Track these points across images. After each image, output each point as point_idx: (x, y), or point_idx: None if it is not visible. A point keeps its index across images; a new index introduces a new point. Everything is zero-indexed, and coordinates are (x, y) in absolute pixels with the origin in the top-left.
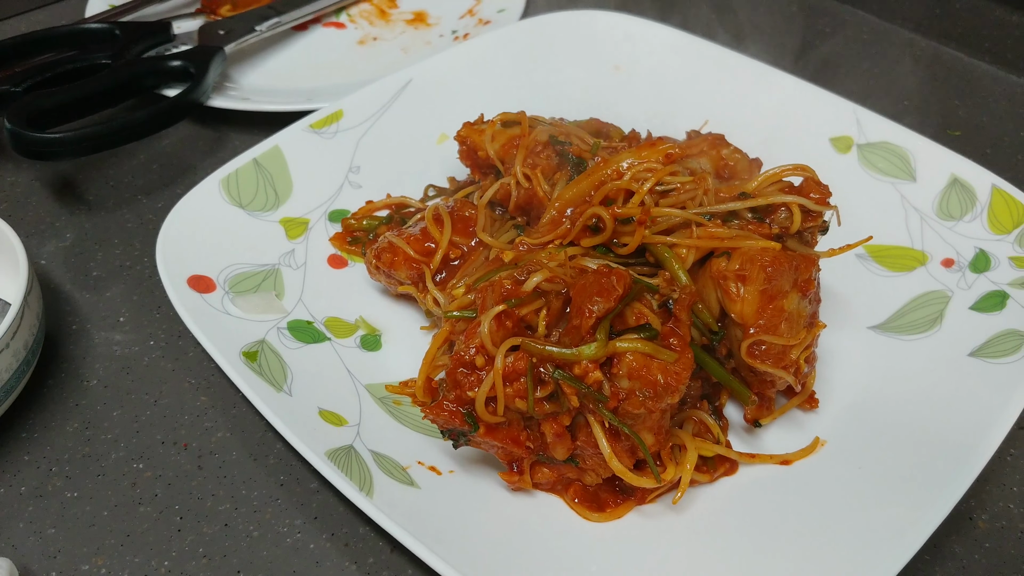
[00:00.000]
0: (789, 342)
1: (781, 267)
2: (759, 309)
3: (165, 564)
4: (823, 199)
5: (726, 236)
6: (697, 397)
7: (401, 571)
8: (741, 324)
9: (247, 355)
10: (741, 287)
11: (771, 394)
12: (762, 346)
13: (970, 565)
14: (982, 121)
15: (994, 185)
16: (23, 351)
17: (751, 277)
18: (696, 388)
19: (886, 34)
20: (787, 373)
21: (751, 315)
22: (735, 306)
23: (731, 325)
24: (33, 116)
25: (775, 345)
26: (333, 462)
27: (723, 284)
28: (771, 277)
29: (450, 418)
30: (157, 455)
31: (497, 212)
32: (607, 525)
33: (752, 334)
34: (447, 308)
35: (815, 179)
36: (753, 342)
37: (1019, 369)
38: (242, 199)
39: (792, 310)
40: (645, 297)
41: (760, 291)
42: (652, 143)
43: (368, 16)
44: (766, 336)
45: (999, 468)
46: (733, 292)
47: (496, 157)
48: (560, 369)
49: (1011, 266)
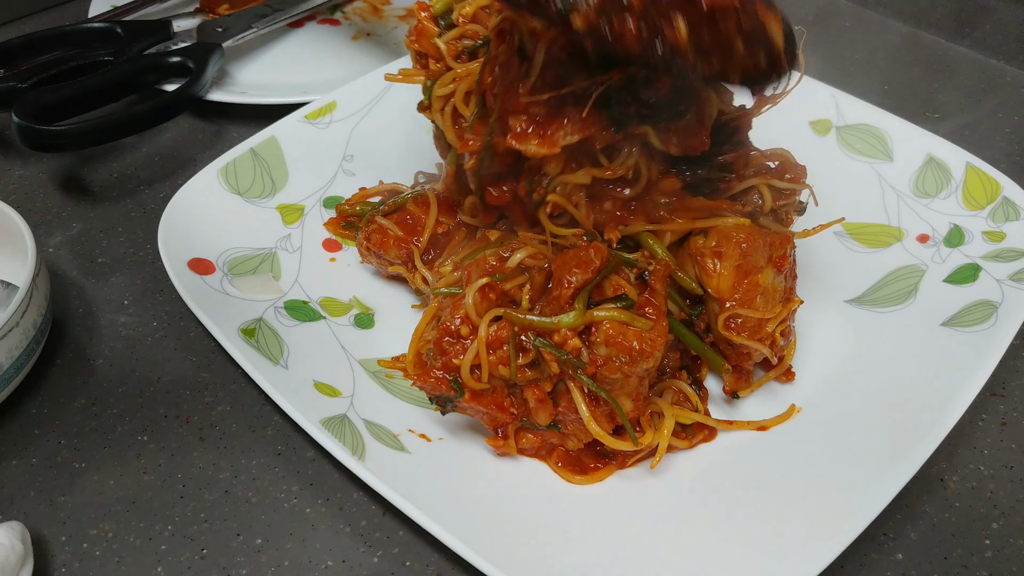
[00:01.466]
0: (764, 315)
1: (755, 243)
2: (734, 284)
3: (168, 528)
4: (797, 178)
5: (700, 213)
6: (676, 368)
7: (393, 532)
8: (718, 299)
9: (245, 332)
10: (717, 263)
11: (748, 367)
12: (738, 319)
13: (940, 524)
14: (960, 104)
15: (968, 163)
16: (32, 330)
17: (727, 253)
18: (675, 360)
19: (867, 20)
20: (763, 345)
21: (727, 289)
22: (712, 281)
23: (709, 300)
24: (39, 111)
25: (750, 318)
26: (327, 429)
27: (700, 260)
28: (746, 253)
29: (437, 384)
30: (160, 428)
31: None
32: (589, 488)
33: (728, 308)
34: (435, 286)
35: (790, 160)
36: (729, 315)
37: (989, 336)
38: (240, 187)
39: (767, 285)
40: (623, 270)
41: (735, 266)
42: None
43: (362, 13)
44: (741, 310)
45: (970, 432)
46: (710, 268)
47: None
48: (541, 337)
49: (984, 240)
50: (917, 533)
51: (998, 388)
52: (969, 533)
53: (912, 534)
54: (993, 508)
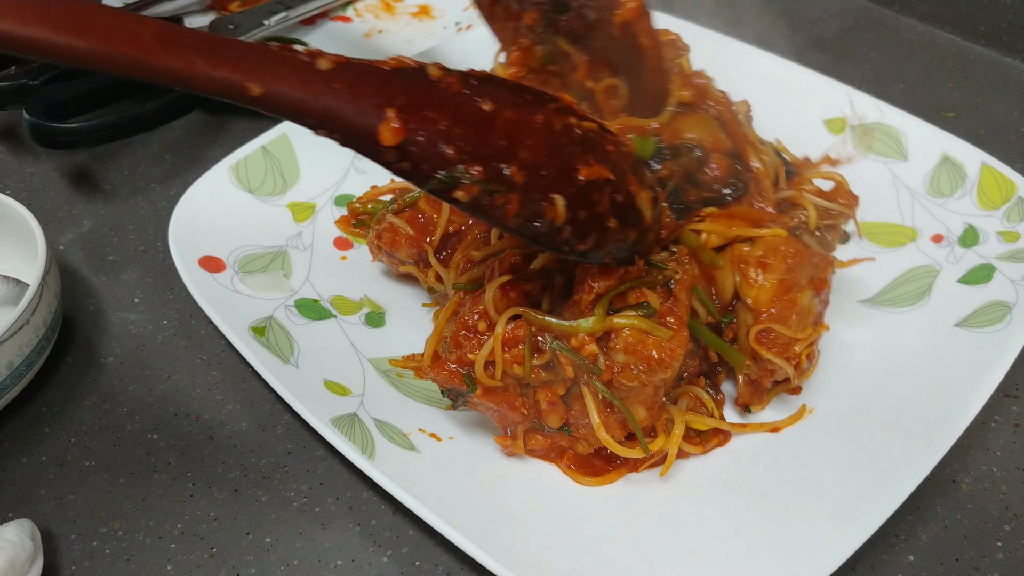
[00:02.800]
0: (796, 335)
1: (802, 261)
2: (774, 297)
3: (178, 527)
4: (848, 205)
5: (744, 220)
6: (695, 375)
7: (402, 532)
8: (754, 310)
9: (255, 330)
10: (761, 274)
11: (767, 384)
12: (770, 334)
13: (952, 525)
14: (976, 103)
15: (984, 163)
16: (43, 328)
17: (772, 266)
18: (694, 367)
19: (881, 18)
20: (788, 365)
21: (765, 301)
22: (752, 291)
23: (742, 310)
24: (51, 108)
25: (782, 335)
26: (337, 428)
27: (743, 268)
28: (791, 268)
29: (450, 377)
30: (170, 426)
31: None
32: (599, 490)
33: (763, 320)
34: (457, 281)
35: (845, 187)
36: (763, 328)
37: (1003, 337)
38: (251, 184)
39: (804, 305)
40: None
41: (779, 280)
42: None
43: (374, 10)
44: (775, 325)
45: (983, 433)
46: (752, 277)
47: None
48: (558, 340)
49: (999, 240)
50: (929, 535)
51: (1012, 390)
52: (981, 535)
53: (924, 536)
54: (1005, 510)
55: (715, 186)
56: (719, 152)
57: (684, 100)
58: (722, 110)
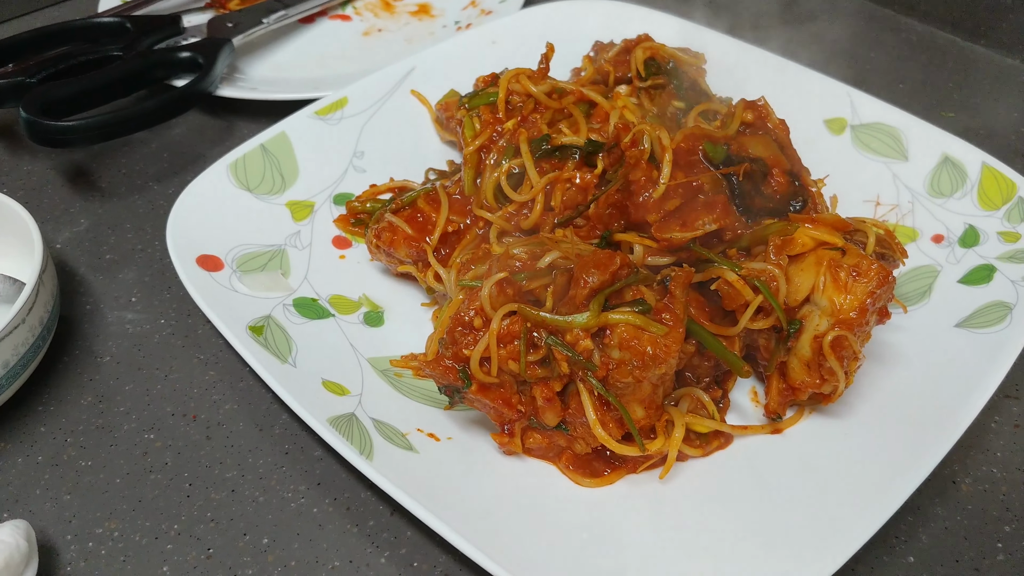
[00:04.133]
0: (858, 351)
1: (887, 287)
2: (860, 307)
3: (175, 528)
4: (899, 252)
5: (837, 227)
6: (706, 376)
7: (400, 533)
8: (832, 315)
9: (253, 329)
10: (851, 281)
11: (804, 395)
12: (845, 342)
13: (952, 526)
14: (975, 102)
15: (984, 163)
16: (39, 327)
17: (867, 276)
18: (707, 369)
19: (883, 18)
20: (843, 377)
21: (848, 309)
22: (839, 296)
23: (815, 313)
24: (48, 105)
25: (851, 348)
26: (335, 428)
27: (834, 271)
28: (879, 285)
29: (445, 373)
30: (167, 426)
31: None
32: (598, 491)
33: (840, 328)
34: (462, 278)
35: (895, 238)
36: (841, 335)
37: (1003, 338)
38: (250, 183)
39: (868, 327)
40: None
41: (869, 292)
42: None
43: (373, 8)
44: (850, 335)
45: (983, 434)
46: (843, 281)
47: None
48: (553, 336)
49: (999, 240)
50: (928, 536)
51: (1012, 390)
52: (981, 536)
53: (924, 537)
54: (1006, 511)
55: (778, 197)
56: (779, 168)
57: (747, 121)
58: (780, 134)
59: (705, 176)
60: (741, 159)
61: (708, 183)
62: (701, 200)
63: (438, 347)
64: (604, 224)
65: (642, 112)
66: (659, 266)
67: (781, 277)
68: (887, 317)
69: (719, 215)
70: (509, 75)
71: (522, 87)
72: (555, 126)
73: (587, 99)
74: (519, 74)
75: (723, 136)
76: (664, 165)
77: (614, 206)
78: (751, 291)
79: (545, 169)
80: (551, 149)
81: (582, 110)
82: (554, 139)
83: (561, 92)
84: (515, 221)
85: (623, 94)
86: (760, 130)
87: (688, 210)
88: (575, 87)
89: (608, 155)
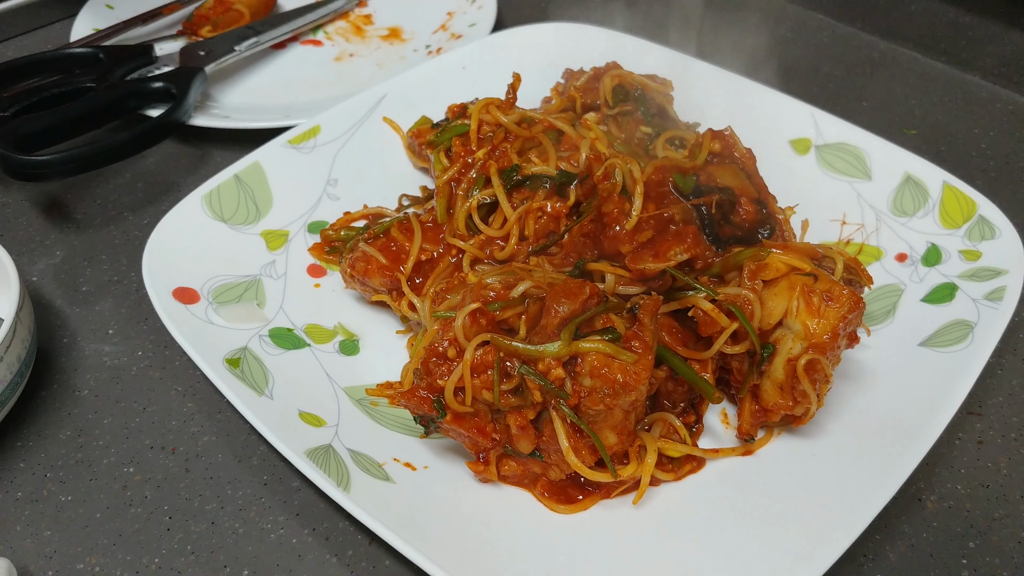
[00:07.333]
0: (829, 374)
1: (858, 312)
2: (832, 331)
3: (155, 561)
4: (863, 281)
5: (806, 253)
6: (680, 401)
7: (379, 562)
8: (805, 338)
9: (230, 362)
10: (824, 306)
11: (775, 418)
12: (818, 365)
13: (919, 544)
14: (937, 120)
15: (945, 182)
16: (16, 364)
17: (839, 301)
18: (681, 395)
19: (845, 38)
20: (816, 400)
21: (821, 333)
22: (812, 320)
23: (787, 337)
24: (21, 139)
25: (824, 372)
26: (312, 460)
27: (807, 296)
28: (850, 310)
29: (420, 404)
30: (146, 459)
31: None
32: (573, 517)
33: (814, 351)
34: (436, 309)
35: (862, 267)
36: (814, 359)
37: (965, 357)
38: (224, 214)
39: (839, 350)
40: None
41: (841, 317)
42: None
43: (344, 33)
44: (823, 358)
45: (947, 451)
46: (816, 306)
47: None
48: (526, 365)
49: (961, 259)
50: (896, 554)
51: (975, 407)
52: (947, 553)
53: (891, 555)
54: (970, 527)
55: (746, 225)
56: (747, 197)
57: (714, 150)
58: (747, 163)
59: (676, 207)
60: (710, 189)
61: (679, 214)
62: (672, 231)
63: (413, 378)
64: (578, 253)
65: (610, 139)
66: (629, 295)
67: (756, 302)
68: (856, 341)
69: (690, 245)
70: (480, 105)
71: (492, 117)
72: (524, 155)
73: (555, 128)
74: (488, 104)
75: (692, 167)
76: (636, 197)
77: (587, 235)
78: (726, 318)
79: (516, 200)
80: (522, 180)
81: (551, 138)
82: (524, 169)
83: (530, 121)
84: (489, 250)
85: (592, 121)
86: (727, 159)
87: (660, 241)
88: (543, 116)
89: (580, 186)
